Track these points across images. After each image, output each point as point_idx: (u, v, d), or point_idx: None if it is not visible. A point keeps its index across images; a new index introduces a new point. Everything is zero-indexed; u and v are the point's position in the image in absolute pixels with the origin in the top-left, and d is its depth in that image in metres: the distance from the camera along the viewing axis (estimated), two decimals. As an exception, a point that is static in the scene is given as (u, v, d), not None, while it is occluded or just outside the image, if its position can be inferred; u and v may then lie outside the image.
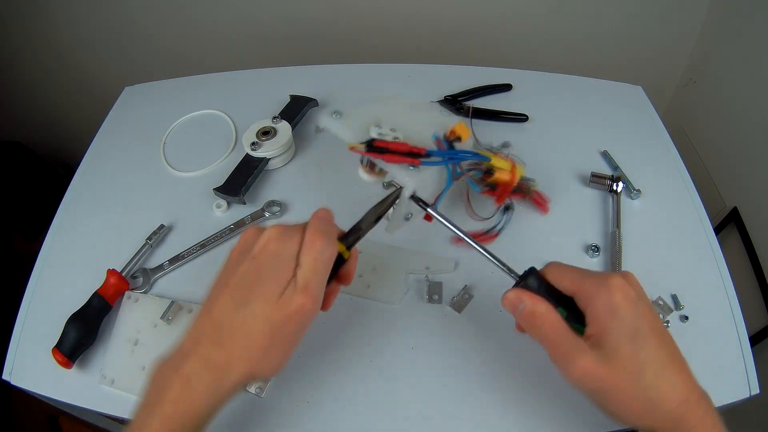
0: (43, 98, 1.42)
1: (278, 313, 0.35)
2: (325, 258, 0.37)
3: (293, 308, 0.35)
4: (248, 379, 0.36)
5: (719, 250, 0.57)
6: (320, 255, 0.37)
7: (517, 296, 0.39)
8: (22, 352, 0.54)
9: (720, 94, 1.04)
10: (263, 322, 0.35)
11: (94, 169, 0.71)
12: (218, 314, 0.36)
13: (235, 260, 0.39)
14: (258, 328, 0.35)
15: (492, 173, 0.53)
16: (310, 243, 0.37)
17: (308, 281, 0.36)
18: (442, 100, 0.75)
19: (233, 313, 0.36)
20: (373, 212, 0.44)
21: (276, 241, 0.37)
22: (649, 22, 1.07)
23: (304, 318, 0.36)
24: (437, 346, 0.51)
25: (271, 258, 0.37)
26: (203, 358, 0.35)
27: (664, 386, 0.35)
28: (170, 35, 1.23)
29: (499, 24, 1.11)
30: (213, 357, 0.35)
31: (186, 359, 0.36)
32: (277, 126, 0.68)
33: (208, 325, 0.37)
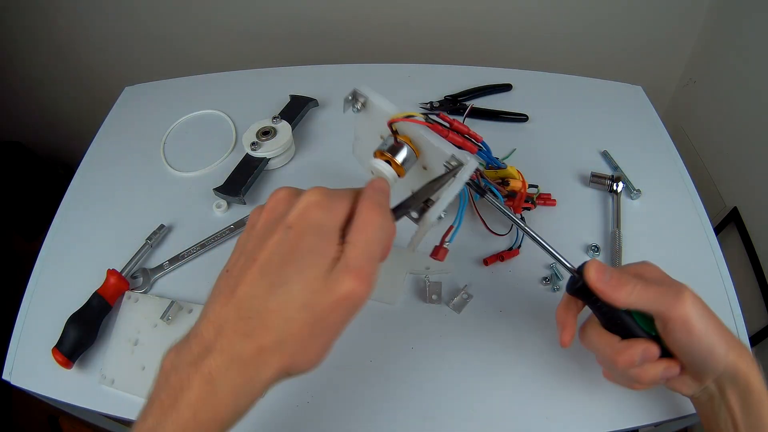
0: (43, 98, 1.42)
1: (323, 299, 0.28)
2: (383, 237, 0.31)
3: (342, 293, 0.29)
4: (282, 376, 0.30)
5: (719, 250, 0.57)
6: (377, 234, 0.30)
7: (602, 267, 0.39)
8: (22, 352, 0.54)
9: (720, 94, 1.04)
10: (304, 309, 0.29)
11: (94, 169, 0.71)
12: (246, 296, 0.29)
13: (263, 228, 0.31)
14: (297, 316, 0.29)
15: (508, 183, 0.55)
16: (366, 218, 0.30)
17: (362, 264, 0.29)
18: (443, 100, 0.75)
19: (266, 295, 0.29)
20: (427, 189, 0.38)
21: (318, 208, 0.30)
22: (649, 22, 1.07)
23: (355, 306, 0.30)
24: (437, 346, 0.51)
25: (313, 229, 0.30)
26: (230, 352, 0.29)
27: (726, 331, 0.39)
28: (170, 35, 1.23)
29: (499, 24, 1.11)
30: (242, 351, 0.29)
31: (208, 354, 0.29)
32: (277, 126, 0.68)
33: (232, 310, 0.29)
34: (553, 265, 0.56)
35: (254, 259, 0.30)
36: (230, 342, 0.29)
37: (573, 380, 0.48)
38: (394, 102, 0.44)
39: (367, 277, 0.29)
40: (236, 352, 0.29)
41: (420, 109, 0.73)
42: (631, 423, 0.46)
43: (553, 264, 0.56)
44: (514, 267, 0.57)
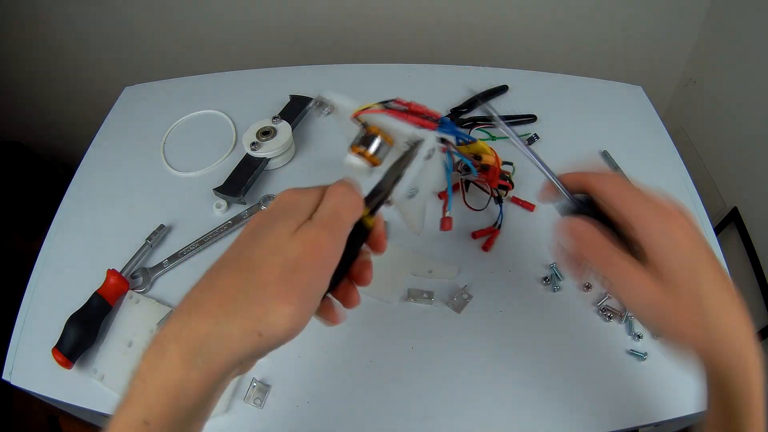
0: (43, 98, 1.42)
1: (291, 245, 0.28)
2: (347, 202, 0.31)
3: (309, 238, 0.29)
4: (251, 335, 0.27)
5: (719, 250, 0.57)
6: (342, 198, 0.31)
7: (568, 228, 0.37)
8: (22, 352, 0.54)
9: (720, 94, 1.04)
10: (272, 254, 0.28)
11: (94, 169, 0.71)
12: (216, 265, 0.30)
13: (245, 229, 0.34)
14: (266, 260, 0.28)
15: (480, 158, 0.55)
16: (332, 188, 0.32)
17: (327, 219, 0.30)
18: (449, 114, 0.74)
19: (237, 254, 0.30)
20: (392, 171, 0.40)
21: (291, 194, 0.32)
22: (649, 22, 1.07)
23: (321, 255, 0.29)
24: (437, 346, 0.51)
25: (287, 205, 0.32)
26: (188, 310, 0.28)
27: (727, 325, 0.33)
28: (170, 35, 1.23)
29: (499, 24, 1.11)
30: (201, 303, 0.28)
31: (168, 322, 0.28)
32: (277, 126, 0.68)
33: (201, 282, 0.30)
34: (553, 265, 0.56)
35: (236, 240, 0.32)
36: (190, 300, 0.28)
37: (572, 380, 0.48)
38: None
39: (332, 229, 0.30)
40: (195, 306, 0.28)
41: None
42: (631, 423, 0.46)
43: (553, 264, 0.56)
44: (514, 267, 0.57)
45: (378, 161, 0.42)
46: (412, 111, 0.45)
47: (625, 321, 0.51)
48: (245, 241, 0.31)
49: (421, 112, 0.45)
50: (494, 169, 0.56)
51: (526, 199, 0.62)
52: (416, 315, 0.53)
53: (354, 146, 0.42)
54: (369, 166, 0.42)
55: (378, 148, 0.42)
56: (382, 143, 0.42)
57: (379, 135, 0.42)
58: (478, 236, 0.59)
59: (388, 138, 0.42)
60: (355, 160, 0.42)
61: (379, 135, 0.42)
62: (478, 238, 0.59)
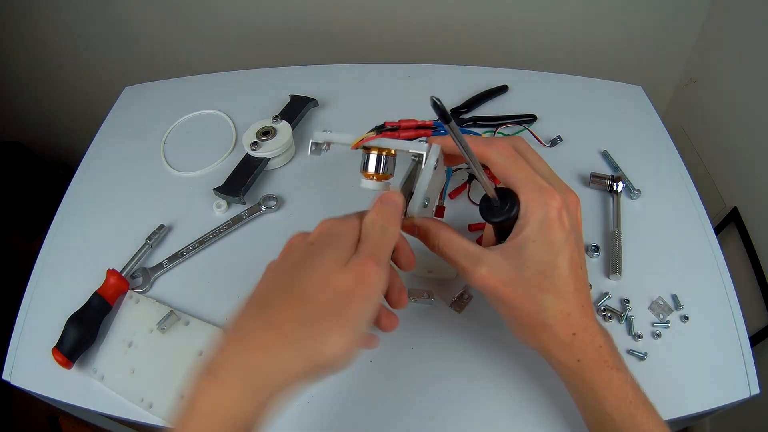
0: (43, 98, 1.42)
1: (340, 277, 0.29)
2: (389, 234, 0.33)
3: (358, 272, 0.30)
4: (306, 365, 0.28)
5: (719, 250, 0.57)
6: (384, 231, 0.33)
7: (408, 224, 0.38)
8: (22, 352, 0.54)
9: (720, 94, 1.04)
10: (325, 286, 0.29)
11: (94, 169, 0.71)
12: (268, 295, 0.31)
13: (282, 257, 0.34)
14: (318, 293, 0.29)
15: None
16: (374, 217, 0.33)
17: (372, 251, 0.31)
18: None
19: (288, 287, 0.30)
20: (405, 188, 0.41)
21: (334, 225, 0.33)
22: (649, 22, 1.07)
23: (371, 286, 0.30)
24: (437, 346, 0.51)
25: (332, 237, 0.32)
26: (246, 343, 0.28)
27: (560, 314, 0.35)
28: (170, 35, 1.23)
29: (499, 23, 1.11)
30: (261, 338, 0.28)
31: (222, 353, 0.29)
32: (277, 126, 0.68)
33: (253, 308, 0.30)
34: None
35: (277, 272, 0.32)
36: (247, 334, 0.29)
37: (573, 380, 0.48)
38: (395, 103, 0.45)
39: (378, 260, 0.31)
40: (255, 340, 0.28)
41: None
42: (631, 423, 0.46)
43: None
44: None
45: (387, 175, 0.44)
46: (404, 128, 0.46)
47: (625, 321, 0.51)
48: (293, 272, 0.31)
49: (413, 125, 0.46)
50: None
51: None
52: (416, 315, 0.53)
53: (364, 172, 0.44)
54: (382, 183, 0.44)
55: (377, 165, 0.43)
56: (379, 158, 0.43)
57: (371, 152, 0.43)
58: (473, 229, 0.59)
59: (384, 150, 0.43)
60: (367, 183, 0.44)
61: (371, 152, 0.43)
62: (474, 231, 0.59)
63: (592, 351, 0.36)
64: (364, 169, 0.44)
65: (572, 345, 0.36)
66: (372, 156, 0.43)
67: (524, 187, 0.36)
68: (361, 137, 0.43)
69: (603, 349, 0.36)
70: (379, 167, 0.43)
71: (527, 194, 0.36)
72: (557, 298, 0.35)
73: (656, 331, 0.51)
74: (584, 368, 0.36)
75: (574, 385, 0.38)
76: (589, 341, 0.36)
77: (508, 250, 0.36)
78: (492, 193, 0.38)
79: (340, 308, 0.29)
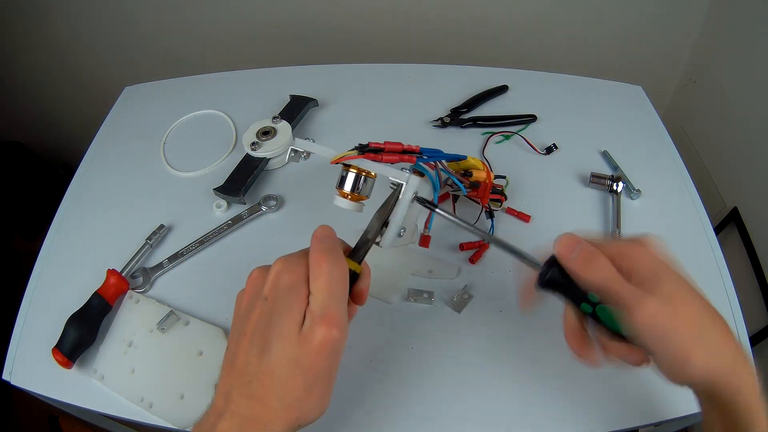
0: (43, 98, 1.42)
1: (304, 350, 0.32)
2: (335, 278, 0.34)
3: (317, 341, 0.32)
4: (294, 427, 0.33)
5: (719, 250, 0.57)
6: (330, 276, 0.33)
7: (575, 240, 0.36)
8: (22, 352, 0.54)
9: (720, 94, 1.04)
10: (290, 364, 0.32)
11: (94, 169, 0.71)
12: (242, 364, 0.33)
13: (246, 306, 0.36)
14: (287, 372, 0.32)
15: (471, 174, 0.54)
16: (316, 266, 0.34)
17: (326, 307, 0.33)
18: (450, 113, 0.73)
19: (258, 360, 0.33)
20: (377, 218, 0.41)
21: (284, 273, 0.34)
22: (649, 22, 1.07)
23: (333, 350, 0.33)
24: (437, 346, 0.51)
25: (283, 292, 0.34)
26: (239, 414, 0.32)
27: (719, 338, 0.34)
28: (170, 35, 1.23)
29: (499, 24, 1.11)
30: (248, 412, 0.32)
31: (221, 418, 0.32)
32: (277, 126, 0.68)
33: (235, 378, 0.33)
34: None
35: (244, 333, 0.34)
36: (237, 405, 0.32)
37: (573, 380, 0.48)
38: (395, 103, 0.45)
39: (335, 320, 0.33)
40: (245, 413, 0.32)
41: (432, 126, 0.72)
42: (631, 423, 0.46)
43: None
44: (515, 267, 0.57)
45: (363, 197, 0.43)
46: (387, 150, 0.44)
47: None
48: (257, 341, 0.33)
49: (398, 149, 0.44)
50: (485, 185, 0.55)
51: (522, 210, 0.61)
52: (416, 315, 0.53)
53: (339, 189, 0.43)
54: (356, 203, 0.43)
55: (354, 185, 0.42)
56: (357, 178, 0.42)
57: (350, 171, 0.42)
58: (465, 248, 0.58)
59: (363, 171, 0.42)
60: (341, 202, 0.43)
61: (350, 171, 0.42)
62: (466, 251, 0.58)
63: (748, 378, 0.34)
64: (339, 186, 0.43)
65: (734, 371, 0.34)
66: (350, 174, 0.42)
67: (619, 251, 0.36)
68: (342, 154, 0.42)
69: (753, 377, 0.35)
70: (356, 187, 0.42)
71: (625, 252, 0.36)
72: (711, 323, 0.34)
73: (656, 331, 0.50)
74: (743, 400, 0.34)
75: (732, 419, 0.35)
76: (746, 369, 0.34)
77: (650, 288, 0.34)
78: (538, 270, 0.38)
79: (311, 386, 0.33)
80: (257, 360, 0.33)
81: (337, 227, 0.37)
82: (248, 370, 0.33)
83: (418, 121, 0.73)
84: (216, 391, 0.34)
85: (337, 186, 0.43)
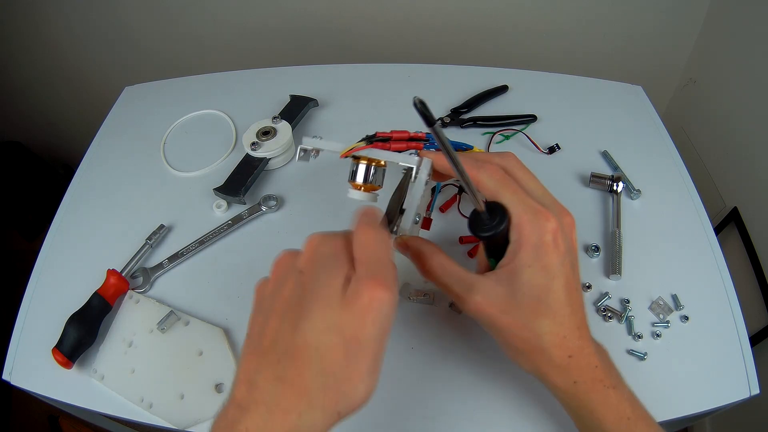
0: (42, 98, 1.42)
1: (347, 315, 0.27)
2: (384, 246, 0.30)
3: (364, 302, 0.27)
4: (333, 416, 0.27)
5: (719, 250, 0.57)
6: (379, 243, 0.30)
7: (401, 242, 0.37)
8: (22, 352, 0.54)
9: (720, 94, 1.04)
10: (330, 331, 0.27)
11: (94, 169, 0.71)
12: (271, 343, 0.28)
13: (275, 284, 0.31)
14: (326, 341, 0.27)
15: None
16: (362, 237, 0.30)
17: (375, 271, 0.28)
18: (450, 113, 0.73)
19: (291, 334, 0.27)
20: (395, 201, 0.39)
21: (322, 245, 0.30)
22: (649, 22, 1.08)
23: (382, 312, 0.27)
24: (437, 346, 0.51)
25: (322, 262, 0.29)
26: (266, 403, 0.27)
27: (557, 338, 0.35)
28: (170, 35, 1.23)
29: (499, 23, 1.11)
30: (277, 398, 0.27)
31: (244, 413, 0.27)
32: (277, 126, 0.68)
33: (261, 361, 0.28)
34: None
35: (273, 310, 0.29)
36: (264, 392, 0.27)
37: (573, 380, 0.48)
38: (395, 103, 0.45)
39: (385, 280, 0.28)
40: (273, 401, 0.27)
41: None
42: (631, 423, 0.46)
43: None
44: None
45: (376, 186, 0.43)
46: (395, 139, 0.45)
47: (625, 321, 0.51)
48: (290, 314, 0.28)
49: (405, 137, 0.45)
50: None
51: None
52: (416, 315, 0.53)
53: (352, 182, 0.44)
54: (370, 194, 0.43)
55: (366, 175, 0.43)
56: (368, 168, 0.43)
57: (361, 162, 0.43)
58: (464, 242, 0.58)
59: (373, 161, 0.43)
60: (354, 194, 0.43)
61: (361, 162, 0.43)
62: (465, 244, 0.58)
63: (587, 372, 0.36)
64: (351, 179, 0.43)
65: (568, 367, 0.35)
66: (361, 166, 0.43)
67: (516, 210, 0.35)
68: (351, 147, 0.43)
69: (598, 369, 0.36)
70: (368, 178, 0.43)
71: (520, 217, 0.34)
72: (553, 323, 0.35)
73: (656, 331, 0.51)
74: (580, 390, 0.36)
75: (572, 406, 0.38)
76: (584, 362, 0.36)
77: (502, 276, 0.35)
78: (481, 206, 0.35)
79: (353, 358, 0.27)
80: (290, 334, 0.27)
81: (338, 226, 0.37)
82: (277, 349, 0.27)
83: (418, 121, 0.72)
84: (235, 381, 0.29)
85: (349, 179, 0.44)
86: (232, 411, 0.28)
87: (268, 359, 0.28)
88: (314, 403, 0.27)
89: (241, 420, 0.27)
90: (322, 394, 0.27)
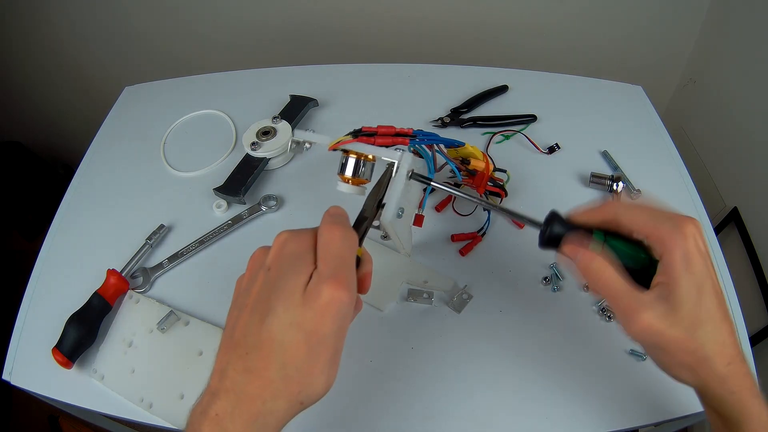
0: (42, 98, 1.42)
1: (307, 312, 0.29)
2: (347, 246, 0.32)
3: (323, 301, 0.29)
4: (295, 405, 0.30)
5: (719, 250, 0.57)
6: (342, 243, 0.32)
7: (572, 251, 0.37)
8: (22, 352, 0.54)
9: (720, 94, 1.04)
10: (292, 327, 0.29)
11: (94, 169, 0.71)
12: (242, 336, 0.31)
13: (247, 282, 0.34)
14: (289, 336, 0.29)
15: (468, 162, 0.55)
16: (327, 233, 0.32)
17: (334, 271, 0.30)
18: (450, 113, 0.73)
19: (258, 329, 0.30)
20: (373, 197, 0.40)
21: (288, 242, 0.33)
22: (649, 22, 1.08)
23: (340, 312, 0.30)
24: (437, 346, 0.51)
25: (287, 259, 0.32)
26: (234, 391, 0.30)
27: (717, 345, 0.34)
28: (170, 35, 1.23)
29: (499, 24, 1.11)
30: (246, 387, 0.29)
31: (215, 398, 0.30)
32: (277, 126, 0.68)
33: (233, 353, 0.31)
34: (553, 265, 0.56)
35: (245, 305, 0.32)
36: (233, 381, 0.30)
37: (573, 380, 0.48)
38: (396, 103, 0.45)
39: (344, 281, 0.30)
40: (240, 389, 0.30)
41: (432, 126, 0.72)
42: (631, 423, 0.46)
43: (553, 264, 0.56)
44: (514, 267, 0.57)
45: (364, 180, 0.45)
46: (381, 134, 0.46)
47: (625, 321, 0.51)
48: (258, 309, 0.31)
49: (391, 132, 0.46)
50: (482, 175, 0.55)
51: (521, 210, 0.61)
52: (416, 315, 0.53)
53: (341, 175, 0.45)
54: (358, 187, 0.45)
55: (355, 169, 0.45)
56: (357, 162, 0.45)
57: (350, 155, 0.45)
58: (456, 240, 0.58)
59: (362, 155, 0.44)
60: (343, 187, 0.45)
61: (350, 155, 0.45)
62: (456, 242, 0.58)
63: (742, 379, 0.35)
64: (341, 172, 0.45)
65: (728, 376, 0.35)
66: (350, 160, 0.45)
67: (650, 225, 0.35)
68: (338, 140, 0.45)
69: (748, 377, 0.35)
70: (357, 171, 0.44)
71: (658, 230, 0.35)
72: (713, 329, 0.34)
73: (656, 331, 0.50)
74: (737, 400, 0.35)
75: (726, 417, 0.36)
76: (740, 370, 0.35)
77: (662, 291, 0.34)
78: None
79: (314, 352, 0.30)
80: (257, 329, 0.30)
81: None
82: (246, 342, 0.30)
83: (418, 121, 0.73)
84: (212, 371, 0.32)
85: (339, 172, 0.45)
86: (206, 397, 0.31)
87: (238, 352, 0.30)
88: (278, 393, 0.30)
89: (212, 405, 0.30)
90: (284, 384, 0.30)
